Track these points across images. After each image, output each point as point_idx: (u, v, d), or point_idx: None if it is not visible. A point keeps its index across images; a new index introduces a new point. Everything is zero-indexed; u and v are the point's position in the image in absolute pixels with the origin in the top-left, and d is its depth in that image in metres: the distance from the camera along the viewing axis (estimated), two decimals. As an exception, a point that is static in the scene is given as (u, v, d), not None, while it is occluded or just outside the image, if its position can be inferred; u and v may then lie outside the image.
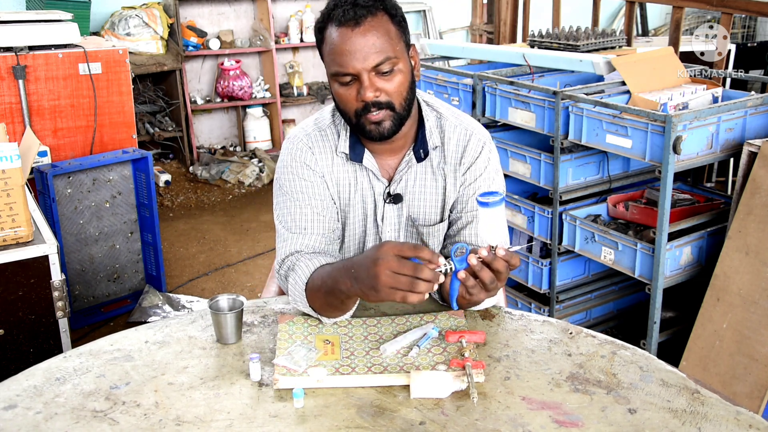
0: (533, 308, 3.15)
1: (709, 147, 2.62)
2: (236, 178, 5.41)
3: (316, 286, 1.44)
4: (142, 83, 5.33)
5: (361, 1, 1.43)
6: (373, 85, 1.45)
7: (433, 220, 1.65)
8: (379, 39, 1.44)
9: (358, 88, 1.46)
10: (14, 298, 2.07)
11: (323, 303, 1.44)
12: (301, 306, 1.49)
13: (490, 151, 1.65)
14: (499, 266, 1.31)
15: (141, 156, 3.40)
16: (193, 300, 3.64)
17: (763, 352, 2.42)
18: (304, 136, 1.62)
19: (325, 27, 1.47)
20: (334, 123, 1.64)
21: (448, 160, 1.63)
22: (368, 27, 1.43)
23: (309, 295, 1.46)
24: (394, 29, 1.47)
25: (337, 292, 1.38)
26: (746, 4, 3.48)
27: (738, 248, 2.52)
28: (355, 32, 1.42)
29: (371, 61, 1.43)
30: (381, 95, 1.46)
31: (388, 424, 1.20)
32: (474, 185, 1.63)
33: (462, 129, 1.64)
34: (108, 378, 1.33)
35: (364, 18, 1.43)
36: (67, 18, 3.35)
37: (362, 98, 1.46)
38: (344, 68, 1.44)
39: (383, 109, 1.48)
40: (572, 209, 2.94)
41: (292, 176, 1.60)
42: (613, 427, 1.19)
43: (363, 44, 1.42)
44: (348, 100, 1.48)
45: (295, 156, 1.61)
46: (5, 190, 2.00)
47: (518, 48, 3.58)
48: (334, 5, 1.45)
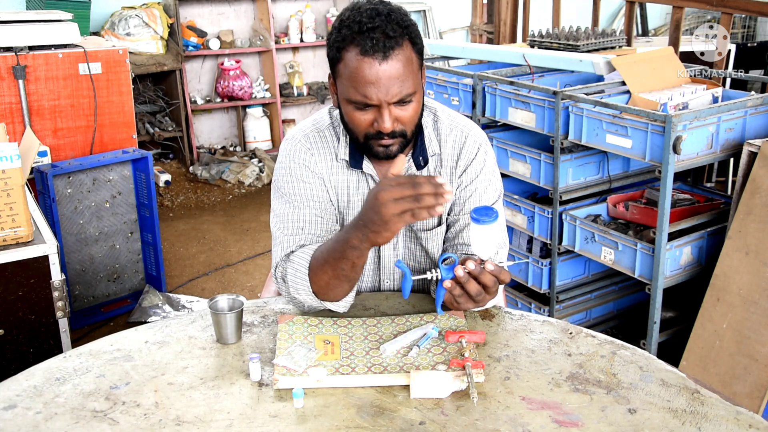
0: (533, 308, 3.15)
1: (709, 147, 2.62)
2: (236, 178, 5.41)
3: (320, 261, 1.43)
4: (142, 83, 5.33)
5: (390, 31, 1.39)
6: (392, 116, 1.44)
7: (430, 224, 1.65)
8: (403, 72, 1.41)
9: (375, 116, 1.45)
10: (14, 298, 2.07)
11: (331, 276, 1.42)
12: (303, 294, 1.47)
13: (486, 153, 1.65)
14: (487, 281, 1.33)
15: (141, 156, 3.40)
16: (193, 300, 3.64)
17: (763, 352, 2.42)
18: (303, 137, 1.62)
19: (345, 48, 1.42)
20: (333, 125, 1.63)
21: (444, 163, 1.63)
22: (395, 60, 1.40)
23: (313, 276, 1.45)
24: (415, 58, 1.46)
25: (348, 254, 1.37)
26: (746, 4, 3.48)
27: (738, 248, 2.52)
28: (381, 65, 1.39)
29: (394, 94, 1.42)
30: (397, 125, 1.46)
31: (388, 424, 1.20)
32: (470, 187, 1.63)
33: (458, 132, 1.64)
34: (108, 378, 1.33)
35: (392, 50, 1.40)
36: (67, 18, 3.35)
37: (380, 128, 1.45)
38: (366, 98, 1.42)
39: (396, 138, 1.48)
40: (572, 209, 2.94)
41: (291, 178, 1.59)
42: (613, 427, 1.19)
43: (387, 78, 1.40)
44: (360, 124, 1.47)
45: (293, 157, 1.60)
46: (5, 190, 2.00)
47: (518, 48, 3.58)
48: (359, 29, 1.40)
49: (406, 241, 1.67)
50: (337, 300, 1.49)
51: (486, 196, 1.63)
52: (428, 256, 1.67)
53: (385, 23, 1.40)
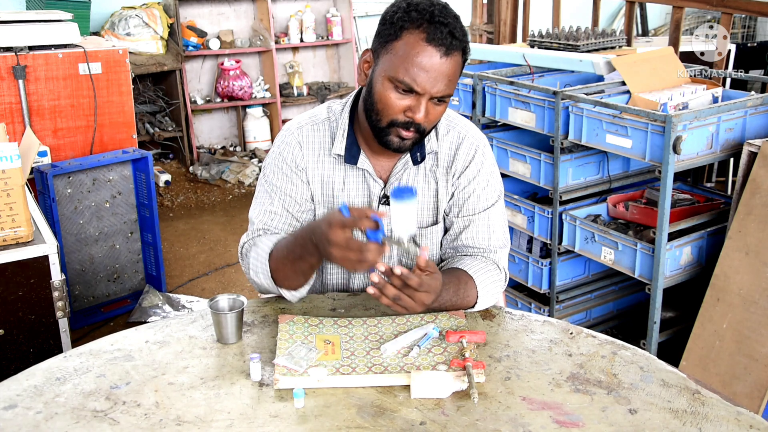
0: (533, 308, 3.15)
1: (709, 147, 2.62)
2: (236, 178, 5.41)
3: (281, 254, 1.50)
4: (142, 83, 5.33)
5: (457, 32, 1.44)
6: (428, 110, 1.47)
7: (426, 222, 1.66)
8: (452, 75, 1.46)
9: (411, 104, 1.46)
10: (14, 298, 2.07)
11: (290, 270, 1.49)
12: (262, 278, 1.54)
13: (484, 155, 1.65)
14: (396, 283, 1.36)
15: (141, 156, 3.40)
16: (193, 300, 3.64)
17: (763, 352, 2.42)
18: (296, 129, 1.65)
19: (409, 29, 1.44)
20: (329, 120, 1.64)
21: (440, 163, 1.64)
22: (451, 61, 1.44)
23: (273, 264, 1.51)
24: (461, 70, 1.50)
25: (306, 258, 1.44)
26: (746, 4, 3.48)
27: (738, 248, 2.52)
28: (441, 58, 1.43)
29: (438, 90, 1.45)
30: (426, 121, 1.49)
31: (389, 424, 1.20)
32: (468, 189, 1.63)
33: (455, 133, 1.65)
34: (108, 378, 1.33)
35: (453, 51, 1.44)
36: (67, 18, 3.35)
37: (411, 116, 1.47)
38: (413, 83, 1.43)
39: (417, 132, 1.50)
40: (572, 209, 2.94)
41: (276, 169, 1.64)
42: (614, 427, 1.19)
43: (440, 72, 1.44)
44: (393, 107, 1.47)
45: (282, 150, 1.64)
46: (5, 190, 2.00)
47: (518, 48, 3.58)
48: (431, 19, 1.43)
49: None
50: (293, 289, 1.54)
51: (484, 197, 1.64)
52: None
53: (455, 23, 1.45)
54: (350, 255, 1.32)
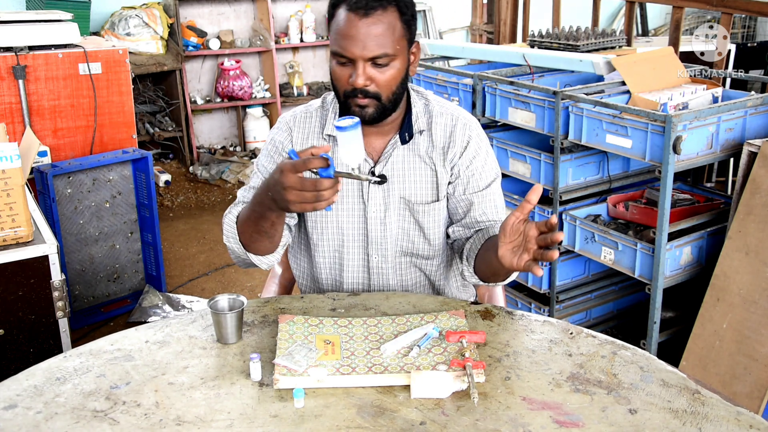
0: (533, 308, 3.15)
1: (709, 147, 2.62)
2: (236, 178, 5.41)
3: (245, 217, 1.55)
4: (142, 83, 5.33)
5: None
6: (365, 74, 1.52)
7: (426, 199, 1.70)
8: (383, 33, 1.49)
9: (351, 72, 1.52)
10: (14, 298, 2.07)
11: (253, 231, 1.53)
12: (233, 242, 1.60)
13: (479, 136, 1.72)
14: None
15: (141, 156, 3.40)
16: (193, 300, 3.64)
17: (763, 352, 2.42)
18: (290, 117, 1.73)
19: (338, 4, 1.53)
20: (323, 107, 1.72)
21: (436, 144, 1.69)
22: (375, 19, 1.49)
23: (240, 227, 1.57)
24: (400, 26, 1.53)
25: (266, 214, 1.47)
26: (746, 4, 3.48)
27: (738, 248, 2.52)
28: (361, 21, 1.48)
29: (369, 52, 1.50)
30: (371, 85, 1.53)
31: (389, 424, 1.20)
32: (469, 170, 1.68)
33: (448, 115, 1.71)
34: (108, 378, 1.33)
35: (374, 10, 1.48)
36: (67, 18, 3.35)
37: (352, 83, 1.52)
38: (343, 51, 1.51)
39: (369, 98, 1.54)
40: (572, 209, 2.94)
41: (267, 152, 1.73)
42: (614, 427, 1.19)
43: (366, 34, 1.48)
44: (340, 79, 1.55)
45: (274, 136, 1.73)
46: (5, 190, 2.00)
47: (518, 48, 3.58)
48: None
49: (400, 221, 1.70)
50: (261, 255, 1.60)
51: (484, 176, 1.70)
52: (423, 234, 1.71)
53: None
54: (306, 195, 1.34)
